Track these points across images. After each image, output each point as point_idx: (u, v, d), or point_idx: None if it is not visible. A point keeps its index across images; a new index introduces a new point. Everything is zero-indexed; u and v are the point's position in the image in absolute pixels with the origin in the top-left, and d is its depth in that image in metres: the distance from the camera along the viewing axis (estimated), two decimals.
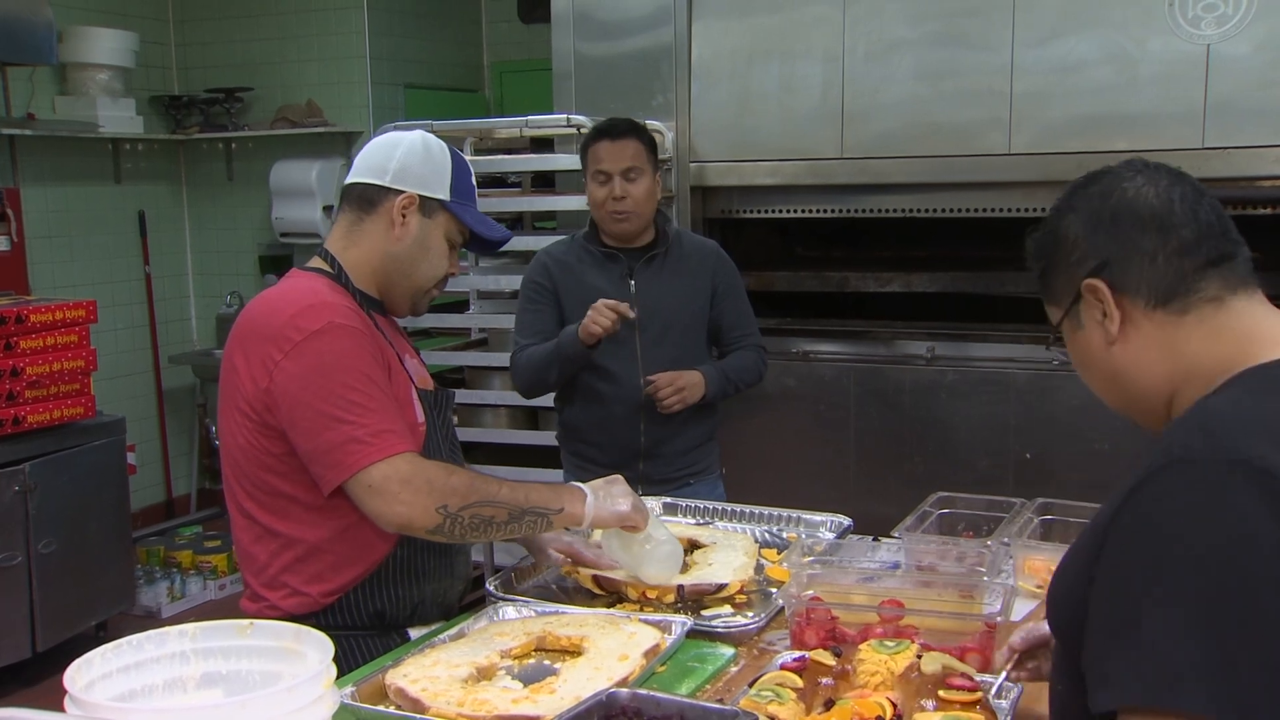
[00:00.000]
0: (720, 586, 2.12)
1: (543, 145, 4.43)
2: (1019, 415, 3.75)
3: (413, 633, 2.08)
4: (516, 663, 1.86)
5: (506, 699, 1.66)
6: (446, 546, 2.12)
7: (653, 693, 1.57)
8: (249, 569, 2.06)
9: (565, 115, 4.01)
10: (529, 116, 4.13)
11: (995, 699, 1.63)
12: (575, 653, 1.86)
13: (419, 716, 1.63)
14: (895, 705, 1.57)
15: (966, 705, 1.54)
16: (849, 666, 1.67)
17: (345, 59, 6.00)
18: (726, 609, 2.10)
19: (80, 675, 1.35)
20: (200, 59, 6.25)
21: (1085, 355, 1.43)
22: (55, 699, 1.33)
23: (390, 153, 2.09)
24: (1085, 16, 3.60)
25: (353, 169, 2.13)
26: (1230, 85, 3.45)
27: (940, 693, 1.56)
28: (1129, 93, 3.57)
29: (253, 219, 6.25)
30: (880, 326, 4.08)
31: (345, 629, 2.00)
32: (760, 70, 4.02)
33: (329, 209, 5.84)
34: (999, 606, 1.86)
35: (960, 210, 3.88)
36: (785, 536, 2.50)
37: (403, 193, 2.07)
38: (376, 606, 2.04)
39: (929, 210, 3.92)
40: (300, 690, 1.31)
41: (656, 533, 2.13)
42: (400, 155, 2.08)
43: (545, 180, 4.66)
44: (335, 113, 5.96)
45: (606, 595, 2.18)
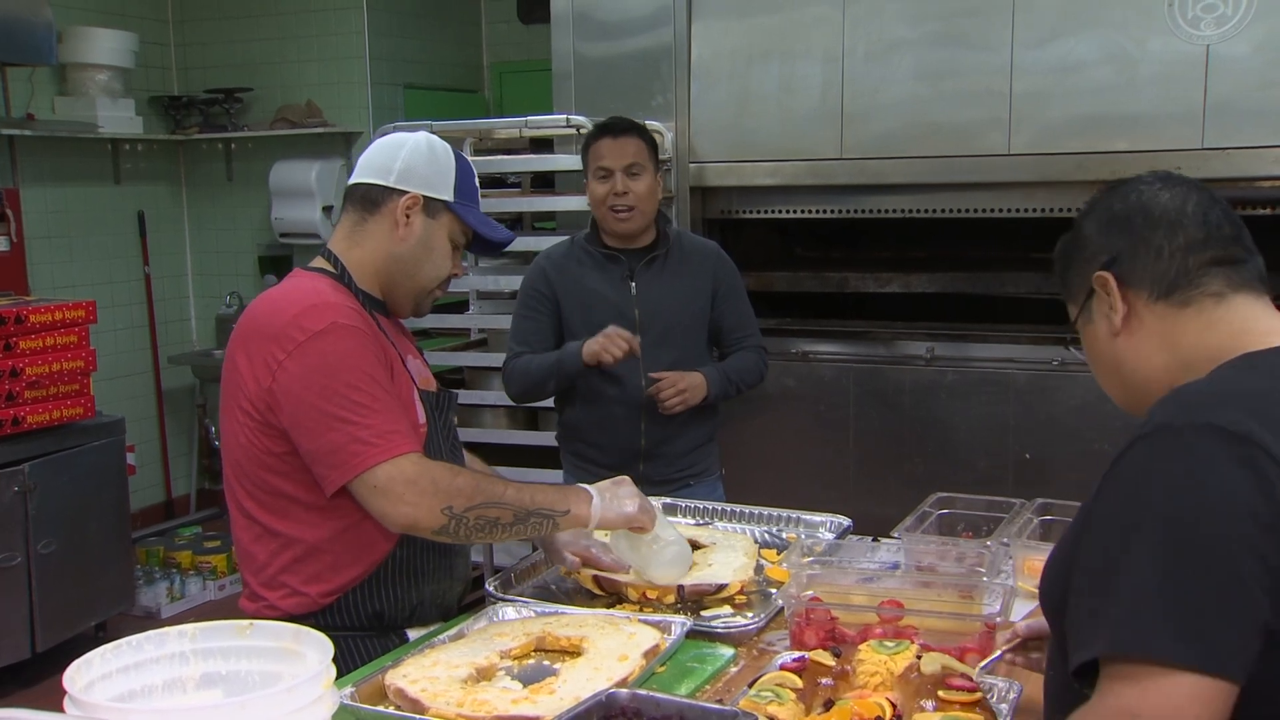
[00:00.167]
0: (720, 587, 2.12)
1: (542, 146, 4.43)
2: (1018, 415, 3.74)
3: (411, 634, 2.08)
4: (516, 663, 1.86)
5: (506, 699, 1.66)
6: (446, 548, 2.12)
7: (652, 693, 1.57)
8: (248, 568, 2.06)
9: (565, 116, 4.01)
10: (528, 117, 4.13)
11: (995, 701, 1.63)
12: (575, 653, 1.86)
13: (418, 717, 1.63)
14: (895, 706, 1.57)
15: (966, 706, 1.54)
16: (848, 667, 1.67)
17: (345, 59, 6.00)
18: (726, 609, 2.10)
19: (80, 676, 1.35)
20: (200, 59, 6.25)
21: (1093, 348, 1.47)
22: (55, 699, 1.33)
23: (394, 153, 2.09)
24: (1085, 17, 3.60)
25: (356, 169, 2.13)
26: (1229, 86, 3.45)
27: (940, 693, 1.56)
28: (1128, 93, 3.56)
29: (252, 219, 6.25)
30: (880, 327, 4.08)
31: (344, 629, 2.00)
32: (760, 70, 4.02)
33: (328, 209, 5.84)
34: (998, 607, 1.86)
35: (960, 210, 3.87)
36: (785, 537, 2.50)
37: (406, 193, 2.07)
38: (375, 607, 2.04)
39: (928, 210, 3.92)
40: (300, 691, 1.31)
41: (664, 533, 2.13)
42: (404, 156, 2.08)
43: (545, 181, 4.66)
44: (335, 113, 5.96)
45: (606, 596, 2.18)
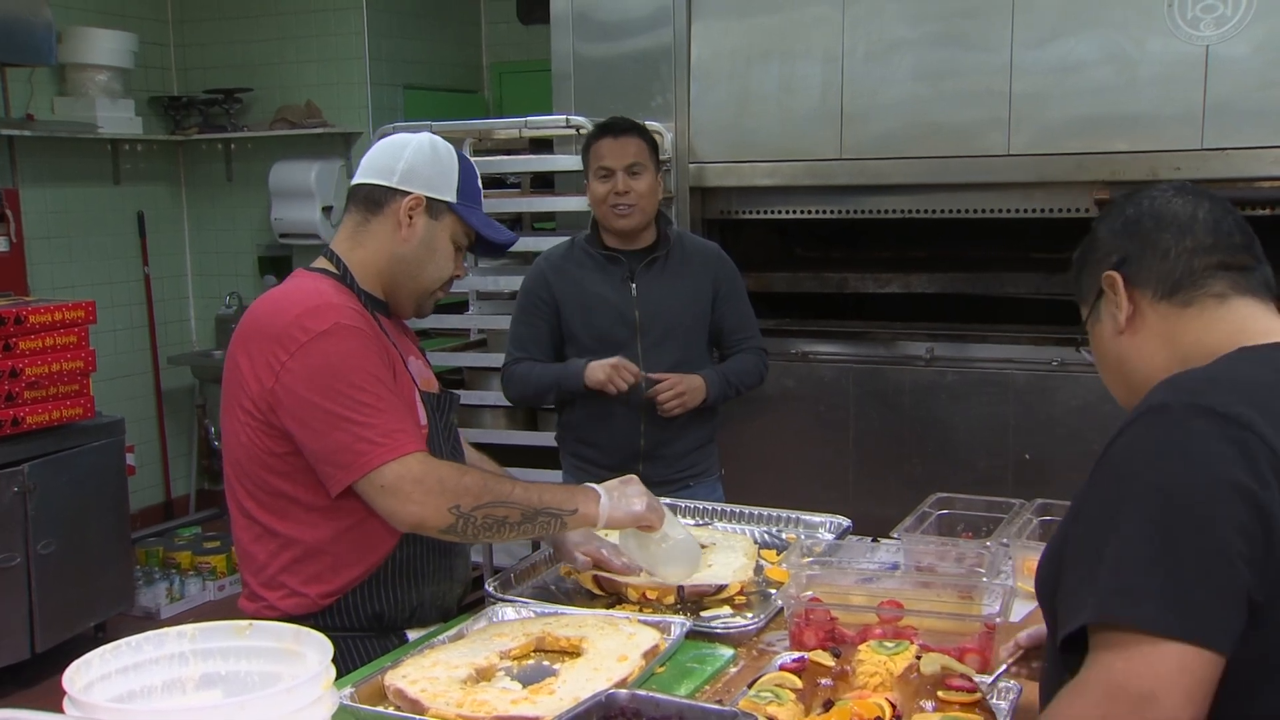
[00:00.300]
0: (720, 587, 2.12)
1: (542, 146, 4.43)
2: (1018, 416, 3.74)
3: (411, 634, 2.08)
4: (515, 663, 1.86)
5: (505, 700, 1.66)
6: (446, 549, 2.12)
7: (652, 694, 1.57)
8: (248, 568, 2.06)
9: (564, 116, 4.01)
10: (528, 117, 4.13)
11: (995, 701, 1.63)
12: (574, 654, 1.85)
13: (418, 717, 1.63)
14: (894, 706, 1.57)
15: (965, 706, 1.54)
16: (848, 667, 1.67)
17: (344, 60, 6.00)
18: (726, 610, 2.10)
19: (79, 676, 1.35)
20: (199, 60, 6.25)
21: (1099, 347, 1.50)
22: (54, 700, 1.32)
23: (398, 154, 2.09)
24: (1084, 17, 3.60)
25: (360, 169, 2.13)
26: (1229, 86, 3.44)
27: (939, 693, 1.56)
28: (1128, 93, 3.56)
29: (252, 220, 6.25)
30: (879, 327, 4.08)
31: (343, 630, 2.00)
32: (759, 71, 4.01)
33: (328, 210, 5.84)
34: (998, 607, 1.86)
35: (959, 211, 3.87)
36: (784, 537, 2.50)
37: (409, 194, 2.07)
38: (375, 608, 2.04)
39: (928, 211, 3.92)
40: (299, 691, 1.31)
41: (673, 531, 2.13)
42: (408, 156, 2.08)
43: (544, 181, 4.65)
44: (334, 113, 5.95)
45: (606, 596, 2.18)
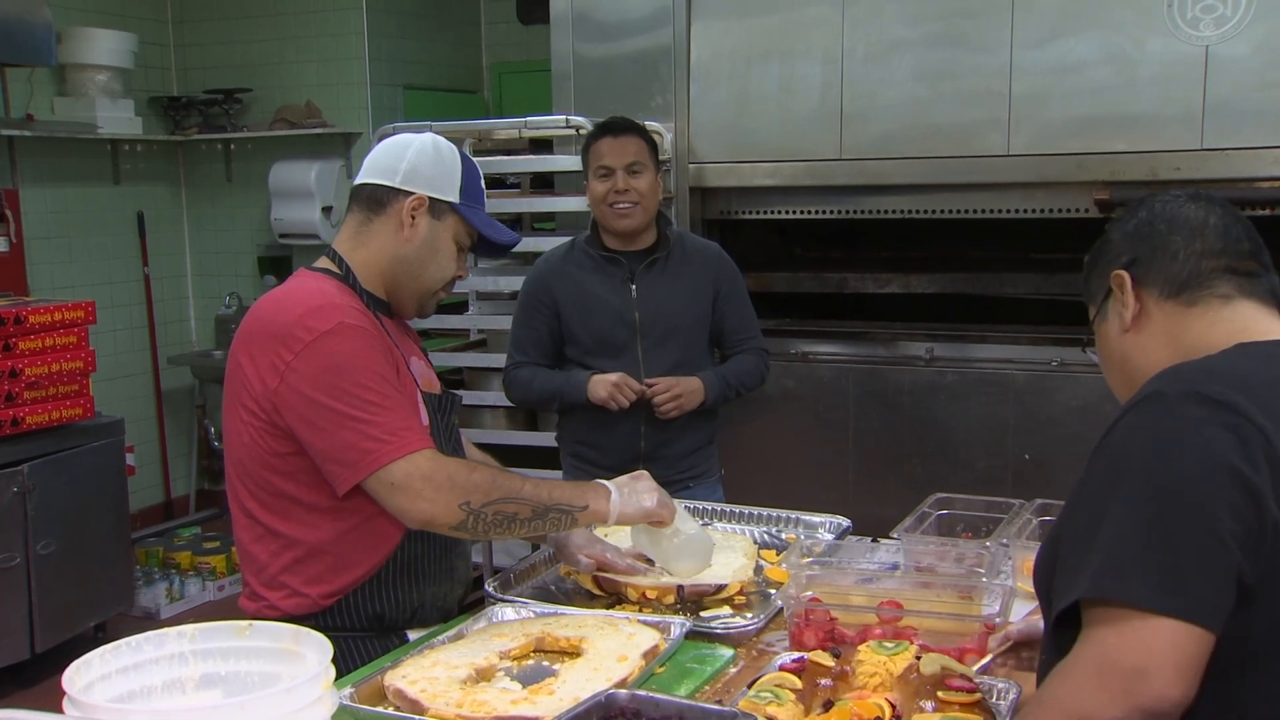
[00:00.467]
0: (719, 587, 2.12)
1: (542, 146, 4.43)
2: (1018, 416, 3.74)
3: (411, 635, 2.08)
4: (515, 664, 1.86)
5: (505, 700, 1.66)
6: (447, 550, 2.12)
7: (652, 694, 1.57)
8: (249, 568, 2.06)
9: (564, 116, 4.01)
10: (528, 117, 4.14)
11: (995, 701, 1.63)
12: (574, 654, 1.85)
13: (418, 717, 1.63)
14: (894, 706, 1.57)
15: (965, 706, 1.54)
16: (848, 668, 1.67)
17: (344, 60, 6.00)
18: (726, 610, 2.10)
19: (79, 676, 1.35)
20: (199, 60, 6.25)
21: (1104, 345, 1.52)
22: (54, 700, 1.33)
23: (400, 154, 2.09)
24: (1084, 17, 3.60)
25: (362, 169, 2.13)
26: (1229, 86, 3.44)
27: (939, 694, 1.56)
28: (1128, 94, 3.56)
29: (252, 220, 6.25)
30: (879, 327, 4.08)
31: (344, 630, 2.00)
32: (759, 71, 4.01)
33: (328, 210, 5.84)
34: (998, 608, 1.86)
35: (959, 211, 3.87)
36: (784, 538, 2.50)
37: (412, 194, 2.07)
38: (376, 609, 2.04)
39: (928, 211, 3.92)
40: (299, 691, 1.31)
41: (684, 526, 2.14)
42: (410, 156, 2.08)
43: (544, 181, 4.65)
44: (334, 114, 5.95)
45: (606, 596, 2.18)
